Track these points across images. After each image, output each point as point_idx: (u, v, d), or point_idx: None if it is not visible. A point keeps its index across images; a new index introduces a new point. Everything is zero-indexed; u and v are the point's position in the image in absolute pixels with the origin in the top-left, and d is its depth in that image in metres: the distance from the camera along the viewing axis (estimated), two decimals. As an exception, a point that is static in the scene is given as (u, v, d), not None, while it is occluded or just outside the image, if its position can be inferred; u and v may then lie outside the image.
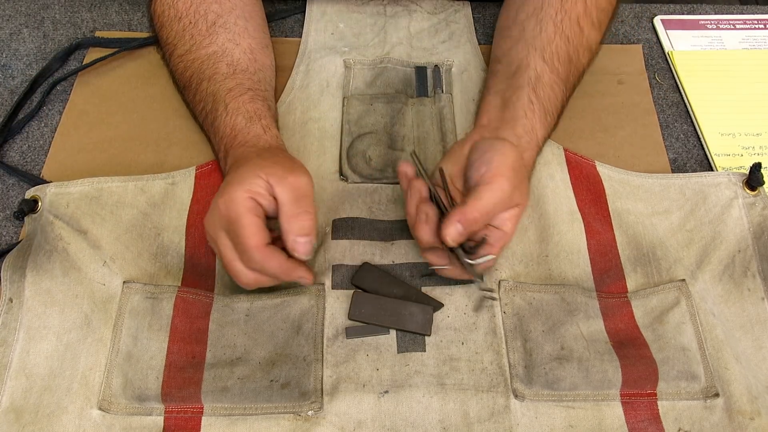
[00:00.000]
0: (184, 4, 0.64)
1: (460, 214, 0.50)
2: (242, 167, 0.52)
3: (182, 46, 0.62)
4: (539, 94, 0.60)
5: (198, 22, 0.63)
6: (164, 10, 0.64)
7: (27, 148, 0.66)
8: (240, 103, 0.59)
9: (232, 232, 0.50)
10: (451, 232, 0.50)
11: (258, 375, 0.52)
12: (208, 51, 0.62)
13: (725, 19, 0.83)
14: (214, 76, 0.60)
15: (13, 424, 0.49)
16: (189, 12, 0.63)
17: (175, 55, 0.63)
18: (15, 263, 0.55)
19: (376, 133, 0.67)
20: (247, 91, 0.60)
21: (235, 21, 0.64)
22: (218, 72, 0.60)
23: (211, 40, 0.62)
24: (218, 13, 0.64)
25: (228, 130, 0.57)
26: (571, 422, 0.51)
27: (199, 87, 0.61)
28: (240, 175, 0.51)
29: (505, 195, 0.51)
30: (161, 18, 0.64)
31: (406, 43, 0.74)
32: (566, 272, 0.58)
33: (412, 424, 0.50)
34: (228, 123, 0.58)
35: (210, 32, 0.62)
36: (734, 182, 0.62)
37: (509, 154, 0.53)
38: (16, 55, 0.74)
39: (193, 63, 0.62)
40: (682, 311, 0.56)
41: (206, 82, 0.60)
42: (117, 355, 0.52)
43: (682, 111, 0.73)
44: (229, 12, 0.65)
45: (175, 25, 0.63)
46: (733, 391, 0.52)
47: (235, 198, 0.50)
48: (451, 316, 0.56)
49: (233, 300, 0.56)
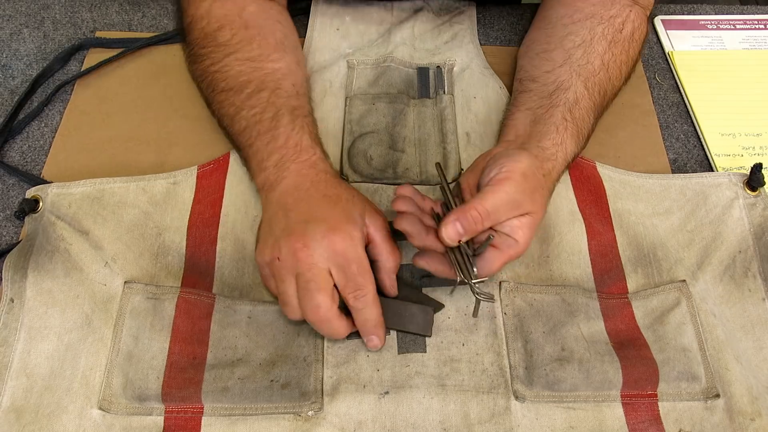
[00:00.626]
0: (250, 16, 0.64)
1: (459, 212, 0.50)
2: (339, 204, 0.54)
3: (247, 51, 0.62)
4: (575, 114, 0.60)
5: (267, 36, 0.63)
6: (226, 14, 0.64)
7: (27, 148, 0.66)
8: (305, 123, 0.60)
9: (349, 271, 0.51)
10: (449, 230, 0.50)
11: (258, 375, 0.52)
12: (274, 66, 0.62)
13: (725, 20, 0.83)
14: (278, 90, 0.61)
15: (13, 424, 0.49)
16: (257, 24, 0.64)
17: (232, 57, 0.62)
18: (16, 263, 0.55)
19: (377, 133, 0.67)
20: (309, 114, 0.61)
21: (296, 45, 0.67)
22: (282, 88, 0.61)
23: (279, 56, 0.63)
24: (284, 32, 0.66)
25: (292, 143, 0.57)
26: (571, 423, 0.51)
27: (258, 94, 0.60)
28: (346, 212, 0.53)
29: (510, 197, 0.51)
30: (222, 20, 0.64)
31: (410, 44, 0.74)
32: (567, 273, 0.58)
33: (413, 425, 0.50)
34: (293, 137, 0.58)
35: (278, 48, 0.63)
36: (735, 183, 0.62)
37: (522, 160, 0.53)
38: (16, 55, 0.74)
39: (255, 70, 0.61)
40: (682, 312, 0.56)
41: (268, 92, 0.60)
42: (117, 355, 0.52)
43: (683, 111, 0.73)
44: (291, 34, 0.67)
45: (242, 31, 0.63)
46: (734, 392, 0.52)
47: (354, 237, 0.52)
48: (451, 317, 0.56)
49: (235, 302, 0.56)
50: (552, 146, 0.57)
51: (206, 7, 0.64)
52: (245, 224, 0.60)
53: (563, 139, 0.58)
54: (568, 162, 0.59)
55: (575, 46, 0.64)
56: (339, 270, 0.51)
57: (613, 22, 0.65)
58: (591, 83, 0.62)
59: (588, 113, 0.61)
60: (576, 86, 0.61)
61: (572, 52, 0.63)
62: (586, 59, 0.63)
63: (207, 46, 0.64)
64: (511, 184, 0.51)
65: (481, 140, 0.67)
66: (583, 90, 0.61)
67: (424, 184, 0.64)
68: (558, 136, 0.58)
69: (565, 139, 0.58)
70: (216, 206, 0.60)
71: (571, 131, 0.59)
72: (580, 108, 0.60)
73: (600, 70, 0.63)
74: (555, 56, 0.64)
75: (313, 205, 0.53)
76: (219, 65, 0.62)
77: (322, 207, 0.53)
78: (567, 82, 0.61)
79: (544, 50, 0.66)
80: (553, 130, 0.58)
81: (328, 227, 0.51)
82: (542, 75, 0.64)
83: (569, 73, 0.62)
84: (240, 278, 0.58)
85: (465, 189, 0.56)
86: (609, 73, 0.63)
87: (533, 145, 0.57)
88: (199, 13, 0.65)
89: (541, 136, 0.58)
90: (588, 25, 0.64)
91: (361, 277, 0.51)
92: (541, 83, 0.63)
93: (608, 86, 0.64)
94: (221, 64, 0.62)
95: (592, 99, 0.62)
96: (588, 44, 0.63)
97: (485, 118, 0.69)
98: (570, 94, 0.61)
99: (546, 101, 0.61)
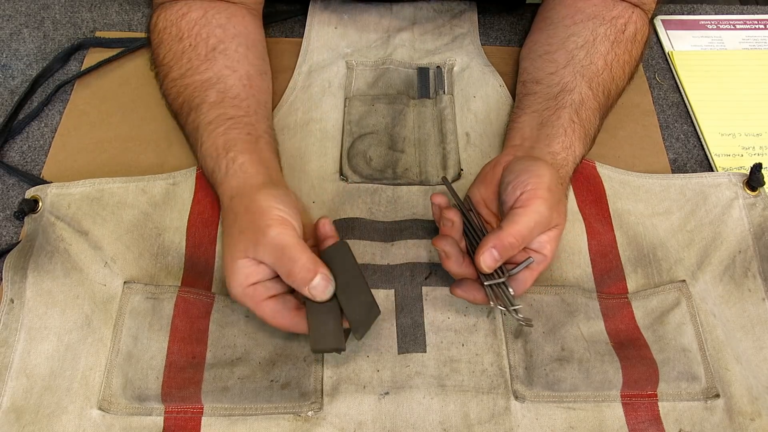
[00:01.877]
0: (187, 24, 0.63)
1: (495, 239, 0.49)
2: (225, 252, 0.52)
3: (177, 69, 0.61)
4: (582, 116, 0.60)
5: (198, 46, 0.62)
6: (166, 27, 0.63)
7: (27, 148, 0.66)
8: (213, 138, 0.57)
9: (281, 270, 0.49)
10: (486, 258, 0.49)
11: (258, 375, 0.52)
12: (202, 77, 0.60)
13: (725, 20, 0.83)
14: (201, 106, 0.59)
15: (13, 424, 0.49)
16: (191, 33, 0.62)
17: (168, 78, 0.62)
18: (16, 264, 0.55)
19: (376, 134, 0.67)
20: (226, 122, 0.58)
21: (236, 48, 0.64)
22: (205, 101, 0.59)
23: (208, 66, 0.61)
24: (220, 38, 0.63)
25: (202, 163, 0.58)
26: (571, 423, 0.51)
27: (188, 118, 0.60)
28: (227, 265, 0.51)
29: (543, 218, 0.50)
30: (161, 34, 0.63)
31: (409, 45, 0.74)
32: (567, 273, 0.58)
33: (413, 426, 0.50)
34: (202, 164, 0.58)
35: (208, 57, 0.61)
36: (735, 183, 0.62)
37: (545, 174, 0.52)
38: (16, 55, 0.74)
39: (185, 89, 0.60)
40: (682, 312, 0.56)
41: (194, 112, 0.59)
42: (117, 355, 0.52)
43: (682, 111, 0.73)
44: (231, 38, 0.64)
45: (175, 45, 0.62)
46: (734, 392, 0.52)
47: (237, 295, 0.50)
48: (451, 318, 0.56)
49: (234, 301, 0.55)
50: (562, 150, 0.57)
51: (154, 20, 0.64)
52: (245, 224, 0.60)
53: (572, 142, 0.58)
54: (576, 165, 0.60)
55: (578, 47, 0.63)
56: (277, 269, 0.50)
57: (615, 23, 0.64)
58: (595, 84, 0.62)
59: (594, 114, 0.61)
60: (581, 87, 0.61)
61: (575, 53, 0.63)
62: (589, 60, 0.63)
63: (156, 65, 0.64)
64: (540, 202, 0.50)
65: (480, 140, 0.67)
66: (588, 91, 0.61)
67: (423, 185, 0.64)
68: (567, 139, 0.58)
69: (574, 141, 0.58)
70: (215, 206, 0.60)
71: (578, 134, 0.59)
72: (586, 109, 0.60)
73: (603, 71, 0.63)
74: (558, 57, 0.64)
75: (225, 239, 0.53)
76: (163, 88, 0.63)
77: (228, 240, 0.52)
78: (571, 83, 0.61)
79: (546, 52, 0.66)
80: (561, 133, 0.58)
81: (227, 266, 0.51)
82: (546, 77, 0.64)
83: (573, 74, 0.62)
84: (240, 278, 0.58)
85: (479, 202, 0.56)
86: (612, 73, 0.63)
87: (544, 151, 0.57)
88: (150, 26, 0.65)
89: (550, 139, 0.58)
90: (590, 26, 0.64)
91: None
92: (545, 85, 0.63)
93: (612, 87, 0.63)
94: (164, 87, 0.63)
95: (597, 100, 0.62)
96: (591, 45, 0.63)
97: (485, 117, 0.69)
98: (575, 95, 0.61)
99: (552, 103, 0.61)
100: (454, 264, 0.52)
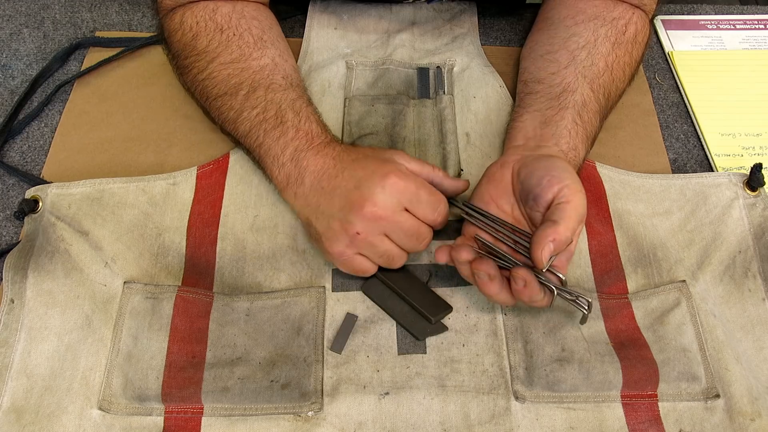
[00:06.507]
0: (222, 18, 0.63)
1: (554, 233, 0.49)
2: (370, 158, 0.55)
3: (228, 54, 0.62)
4: (584, 118, 0.60)
5: (243, 35, 0.63)
6: (199, 22, 0.64)
7: (27, 148, 0.66)
8: (309, 112, 0.60)
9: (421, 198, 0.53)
10: (546, 252, 0.49)
11: (258, 375, 0.52)
12: (260, 63, 0.62)
13: (725, 20, 0.83)
14: (272, 86, 0.61)
15: (13, 425, 0.49)
16: (231, 25, 0.63)
17: (216, 62, 0.62)
18: (17, 264, 0.55)
19: (376, 134, 0.67)
20: (310, 103, 0.61)
21: (278, 38, 0.66)
22: (274, 83, 0.61)
23: (261, 53, 0.63)
24: (261, 28, 0.65)
25: (302, 134, 0.58)
26: (571, 424, 0.51)
27: (253, 94, 0.60)
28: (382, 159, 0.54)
29: (584, 212, 0.51)
30: (195, 28, 0.64)
31: (409, 45, 0.74)
32: (567, 273, 0.58)
33: (413, 426, 0.50)
34: (302, 128, 0.58)
35: (258, 46, 0.63)
36: (735, 183, 0.62)
37: (570, 169, 0.53)
38: (16, 55, 0.74)
39: (243, 71, 0.61)
40: (682, 312, 0.56)
41: (263, 90, 0.60)
42: (117, 355, 0.52)
43: (682, 111, 0.73)
44: (269, 29, 0.66)
45: (217, 35, 0.63)
46: (734, 392, 0.52)
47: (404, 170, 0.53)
48: (451, 318, 0.56)
49: (233, 299, 0.56)
50: (570, 150, 0.58)
51: (178, 19, 0.64)
52: (245, 224, 0.60)
53: (575, 144, 0.58)
54: (580, 168, 0.60)
55: (579, 47, 0.64)
56: (412, 203, 0.53)
57: (616, 24, 0.64)
58: (596, 85, 0.62)
59: (595, 116, 0.61)
60: (582, 88, 0.61)
61: (576, 54, 0.63)
62: (590, 61, 0.63)
63: (188, 56, 0.64)
64: (581, 197, 0.51)
65: (480, 140, 0.67)
66: (590, 92, 0.61)
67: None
68: (571, 141, 0.58)
69: (578, 144, 0.58)
70: (216, 206, 0.60)
71: (581, 136, 0.59)
72: (588, 111, 0.60)
73: (604, 72, 0.63)
74: (559, 57, 0.64)
75: (349, 172, 0.54)
76: (206, 73, 0.62)
77: (357, 168, 0.54)
78: (573, 84, 0.61)
79: (547, 51, 0.66)
80: (566, 133, 0.58)
81: (379, 177, 0.52)
82: (548, 77, 0.64)
83: (575, 74, 0.62)
84: (240, 278, 0.58)
85: (489, 202, 0.56)
86: (613, 75, 0.63)
87: (554, 150, 0.57)
88: (173, 26, 0.65)
89: (557, 138, 0.58)
90: (591, 27, 0.64)
91: (432, 195, 0.54)
92: (547, 84, 0.63)
93: (612, 88, 0.64)
94: (207, 71, 0.62)
95: (598, 102, 0.62)
96: (592, 46, 0.63)
97: (485, 117, 0.69)
98: (577, 96, 0.61)
99: (554, 102, 0.61)
100: (496, 286, 0.51)
